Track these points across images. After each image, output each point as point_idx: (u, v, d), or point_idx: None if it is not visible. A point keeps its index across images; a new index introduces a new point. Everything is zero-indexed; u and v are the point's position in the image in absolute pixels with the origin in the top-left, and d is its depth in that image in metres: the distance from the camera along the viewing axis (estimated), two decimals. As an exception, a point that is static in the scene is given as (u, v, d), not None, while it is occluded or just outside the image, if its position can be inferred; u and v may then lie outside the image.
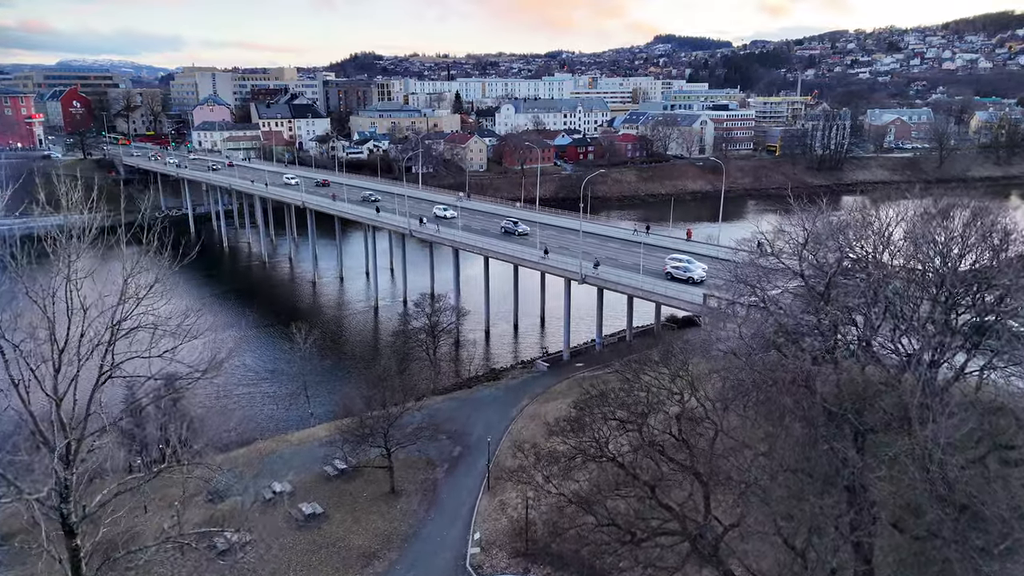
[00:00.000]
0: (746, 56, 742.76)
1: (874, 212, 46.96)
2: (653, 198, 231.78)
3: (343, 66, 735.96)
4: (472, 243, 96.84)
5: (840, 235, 42.30)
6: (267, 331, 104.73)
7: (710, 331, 52.61)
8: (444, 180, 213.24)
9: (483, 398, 74.16)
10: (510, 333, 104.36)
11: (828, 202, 51.09)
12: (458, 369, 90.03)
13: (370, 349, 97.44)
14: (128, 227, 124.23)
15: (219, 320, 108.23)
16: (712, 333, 50.09)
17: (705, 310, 64.60)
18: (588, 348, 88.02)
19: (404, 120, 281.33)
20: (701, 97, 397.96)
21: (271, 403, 77.33)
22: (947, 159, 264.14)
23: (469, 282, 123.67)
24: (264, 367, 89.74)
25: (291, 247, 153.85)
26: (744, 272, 45.74)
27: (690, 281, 73.37)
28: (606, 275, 76.07)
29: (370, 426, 57.54)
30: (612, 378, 53.90)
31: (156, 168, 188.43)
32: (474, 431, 66.07)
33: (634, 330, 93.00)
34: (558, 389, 74.23)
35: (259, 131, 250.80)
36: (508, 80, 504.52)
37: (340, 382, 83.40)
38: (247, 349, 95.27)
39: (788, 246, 43.60)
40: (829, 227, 43.52)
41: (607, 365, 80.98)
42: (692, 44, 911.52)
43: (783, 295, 45.02)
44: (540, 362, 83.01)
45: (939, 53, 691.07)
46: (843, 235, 42.52)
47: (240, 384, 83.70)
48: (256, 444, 65.98)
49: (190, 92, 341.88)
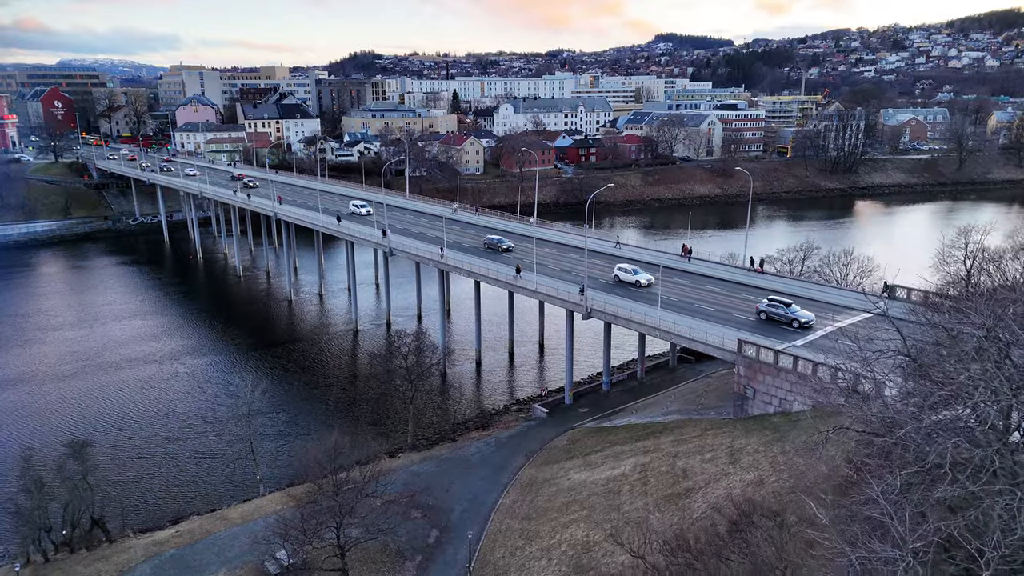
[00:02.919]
0: (749, 55, 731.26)
1: None
2: (659, 203, 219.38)
3: (342, 65, 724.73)
4: (426, 256, 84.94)
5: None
6: (226, 362, 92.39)
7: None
8: (439, 183, 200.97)
9: (469, 457, 61.83)
10: (504, 363, 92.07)
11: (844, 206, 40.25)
12: (443, 411, 77.63)
13: (344, 387, 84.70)
14: (99, 234, 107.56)
15: (174, 347, 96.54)
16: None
17: (740, 358, 52.31)
18: (594, 388, 75.68)
19: (398, 120, 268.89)
20: (707, 96, 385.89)
21: (214, 463, 64.48)
22: (966, 161, 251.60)
23: (460, 299, 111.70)
24: (210, 413, 76.63)
25: (267, 258, 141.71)
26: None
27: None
28: (618, 309, 63.62)
29: (323, 511, 45.42)
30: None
31: (128, 172, 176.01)
32: (456, 506, 53.79)
33: (646, 362, 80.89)
34: (559, 445, 61.96)
35: (244, 133, 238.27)
36: (508, 79, 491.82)
37: (302, 433, 70.95)
38: (192, 389, 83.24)
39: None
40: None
41: (617, 412, 68.91)
42: (693, 43, 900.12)
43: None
44: (537, 407, 70.69)
45: (945, 51, 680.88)
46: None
47: (177, 438, 71.03)
48: (188, 522, 53.72)
49: (177, 91, 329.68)
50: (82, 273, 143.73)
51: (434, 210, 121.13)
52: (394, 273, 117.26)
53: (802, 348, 53.74)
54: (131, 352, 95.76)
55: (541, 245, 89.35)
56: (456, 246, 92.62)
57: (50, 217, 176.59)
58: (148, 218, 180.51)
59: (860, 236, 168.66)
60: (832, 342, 55.40)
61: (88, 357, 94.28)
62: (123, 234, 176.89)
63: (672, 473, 46.90)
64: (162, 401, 79.91)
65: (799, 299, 65.52)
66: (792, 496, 38.72)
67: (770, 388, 50.67)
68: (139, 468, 64.10)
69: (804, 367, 48.48)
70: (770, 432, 46.17)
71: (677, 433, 53.53)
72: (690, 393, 69.50)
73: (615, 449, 55.43)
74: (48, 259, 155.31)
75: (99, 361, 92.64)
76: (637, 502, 45.55)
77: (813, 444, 41.12)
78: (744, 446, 45.70)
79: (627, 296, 69.31)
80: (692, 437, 51.17)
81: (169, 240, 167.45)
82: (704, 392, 68.48)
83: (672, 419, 58.68)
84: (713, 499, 41.92)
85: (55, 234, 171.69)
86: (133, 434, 71.24)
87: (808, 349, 53.64)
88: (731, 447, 46.48)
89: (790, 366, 49.31)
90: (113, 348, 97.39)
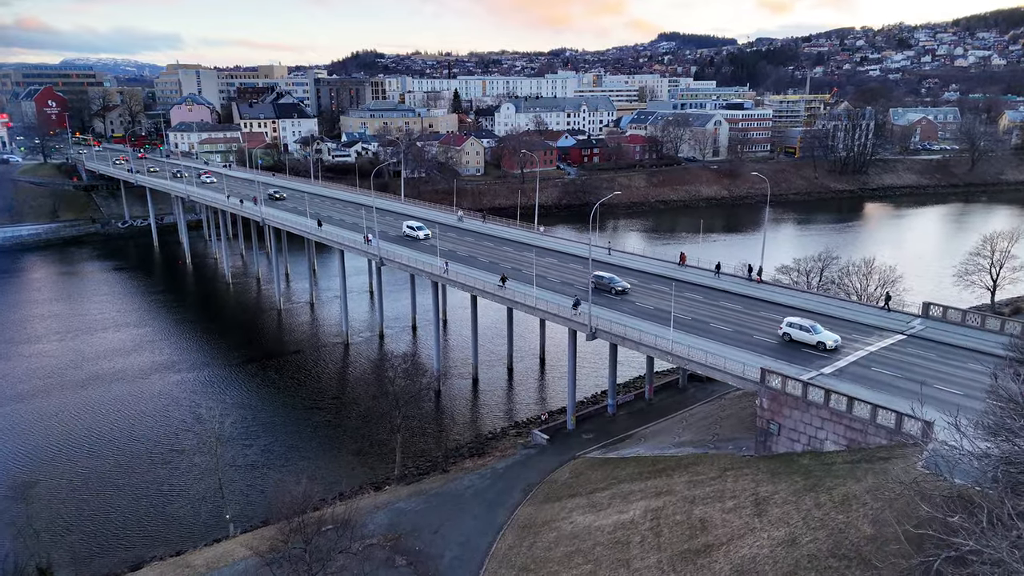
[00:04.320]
0: (752, 53, 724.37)
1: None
2: (664, 205, 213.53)
3: (344, 64, 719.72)
4: (420, 268, 78.55)
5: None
6: (202, 380, 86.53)
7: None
8: (438, 185, 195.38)
9: (461, 491, 56.28)
10: (503, 379, 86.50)
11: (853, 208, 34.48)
12: (436, 434, 72.10)
13: (328, 410, 78.38)
14: (87, 238, 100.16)
15: (148, 363, 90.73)
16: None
17: (764, 389, 46.68)
18: (599, 411, 70.08)
19: (397, 120, 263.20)
20: (712, 95, 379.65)
21: (179, 499, 57.90)
22: (979, 161, 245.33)
23: (457, 307, 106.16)
24: (177, 440, 69.61)
25: (258, 263, 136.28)
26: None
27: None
28: (626, 330, 57.96)
29: (296, 559, 40.09)
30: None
31: (116, 174, 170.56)
32: (445, 552, 48.26)
33: (655, 381, 75.36)
34: (560, 479, 56.41)
35: (239, 133, 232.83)
36: (510, 78, 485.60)
37: (278, 463, 65.19)
38: (160, 413, 77.23)
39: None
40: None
41: (624, 439, 63.36)
42: (696, 42, 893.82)
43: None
44: (537, 432, 65.12)
45: (951, 50, 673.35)
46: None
47: (140, 468, 64.77)
48: (148, 569, 48.26)
49: (174, 90, 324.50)
50: (64, 280, 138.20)
51: (442, 217, 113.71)
52: (389, 280, 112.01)
53: (832, 377, 48.16)
54: (101, 368, 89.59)
55: (542, 255, 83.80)
56: (452, 255, 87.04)
57: (37, 220, 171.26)
58: (138, 221, 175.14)
59: (873, 240, 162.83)
60: (864, 369, 49.94)
61: (52, 374, 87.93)
62: (112, 238, 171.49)
63: (689, 523, 41.32)
64: (125, 426, 73.45)
65: (818, 316, 59.91)
66: (832, 562, 33.20)
67: (797, 424, 45.08)
68: (95, 506, 58.05)
69: (838, 402, 42.88)
70: (800, 478, 40.56)
71: (692, 472, 47.94)
72: (704, 419, 63.91)
73: (623, 488, 49.85)
74: (31, 265, 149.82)
75: (64, 379, 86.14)
76: (649, 558, 40.00)
77: (859, 499, 35.62)
78: (771, 494, 40.11)
79: (608, 306, 64.13)
80: (710, 478, 45.58)
81: (159, 244, 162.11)
82: (719, 418, 62.90)
83: (686, 453, 53.06)
84: (737, 560, 36.37)
85: (41, 238, 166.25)
86: (90, 465, 64.89)
87: (839, 378, 48.06)
88: (756, 494, 40.89)
89: (820, 400, 43.71)
90: (82, 364, 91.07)
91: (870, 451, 40.78)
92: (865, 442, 41.71)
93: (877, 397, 43.95)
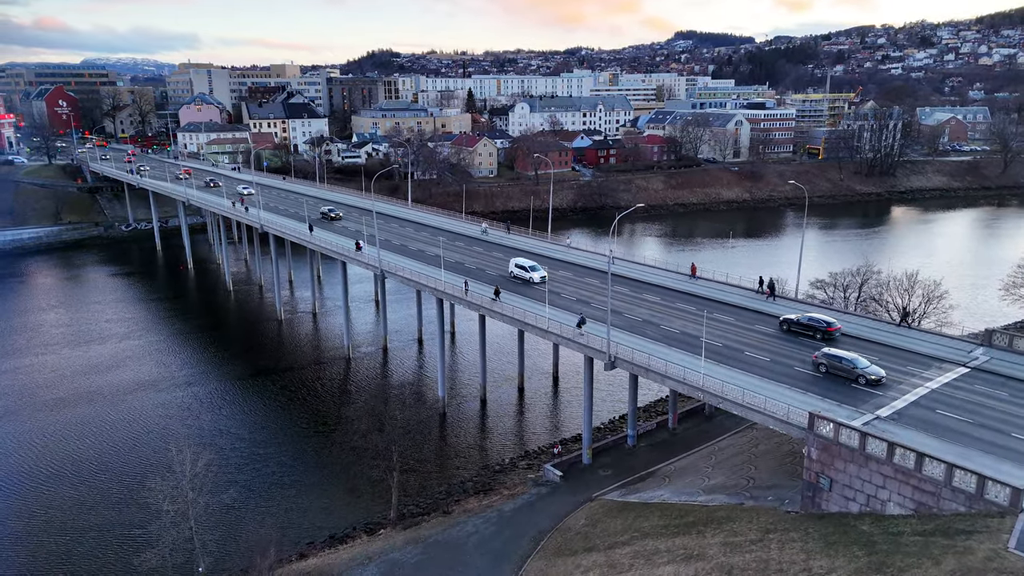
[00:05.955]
0: (771, 51, 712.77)
1: None
2: (683, 208, 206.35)
3: (360, 64, 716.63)
4: (424, 283, 72.27)
5: None
6: (186, 400, 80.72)
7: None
8: (449, 187, 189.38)
9: (464, 540, 50.17)
10: (513, 400, 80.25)
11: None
12: (440, 464, 66.04)
13: (322, 437, 71.25)
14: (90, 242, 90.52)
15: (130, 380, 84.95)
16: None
17: (812, 438, 40.19)
18: (617, 442, 63.76)
19: (409, 120, 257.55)
20: (732, 94, 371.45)
21: (143, 549, 49.11)
22: (1012, 163, 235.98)
23: (465, 318, 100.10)
24: (147, 478, 54.59)
25: (261, 270, 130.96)
26: None
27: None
28: (650, 360, 51.50)
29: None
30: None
31: (119, 175, 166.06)
32: (443, 618, 42.24)
33: (679, 408, 68.88)
34: (575, 527, 50.16)
35: (248, 133, 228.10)
36: (525, 77, 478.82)
37: (261, 504, 59.24)
38: (133, 439, 71.32)
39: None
40: None
41: (645, 477, 57.00)
42: (713, 40, 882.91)
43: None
44: (550, 468, 58.91)
45: (974, 48, 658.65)
46: None
47: (105, 505, 58.86)
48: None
49: (185, 90, 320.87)
50: (60, 286, 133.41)
51: (466, 229, 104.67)
52: (394, 289, 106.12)
53: (890, 422, 41.59)
54: (79, 386, 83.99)
55: (556, 267, 77.44)
56: (458, 267, 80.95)
57: (39, 223, 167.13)
58: (142, 224, 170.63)
59: (903, 246, 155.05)
60: (927, 412, 43.27)
61: (24, 394, 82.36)
62: (115, 241, 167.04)
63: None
64: (93, 456, 67.68)
65: (859, 342, 53.24)
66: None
67: (853, 480, 38.58)
68: (49, 554, 52.38)
69: (904, 457, 36.34)
70: (861, 552, 34.02)
71: (728, 530, 41.54)
72: (735, 456, 57.39)
73: (647, 545, 43.54)
74: (32, 269, 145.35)
75: (37, 400, 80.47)
76: (680, 645, 33.70)
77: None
78: (827, 572, 33.59)
79: (628, 328, 57.44)
80: (750, 541, 39.16)
81: (162, 248, 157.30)
82: (752, 455, 56.36)
83: (718, 503, 46.65)
84: (790, 658, 29.99)
85: (43, 241, 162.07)
86: (49, 503, 59.23)
87: (898, 423, 41.48)
88: (808, 570, 34.40)
89: (882, 454, 37.19)
90: (59, 382, 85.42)
91: (945, 520, 34.22)
92: (938, 507, 35.18)
93: (948, 450, 37.43)
